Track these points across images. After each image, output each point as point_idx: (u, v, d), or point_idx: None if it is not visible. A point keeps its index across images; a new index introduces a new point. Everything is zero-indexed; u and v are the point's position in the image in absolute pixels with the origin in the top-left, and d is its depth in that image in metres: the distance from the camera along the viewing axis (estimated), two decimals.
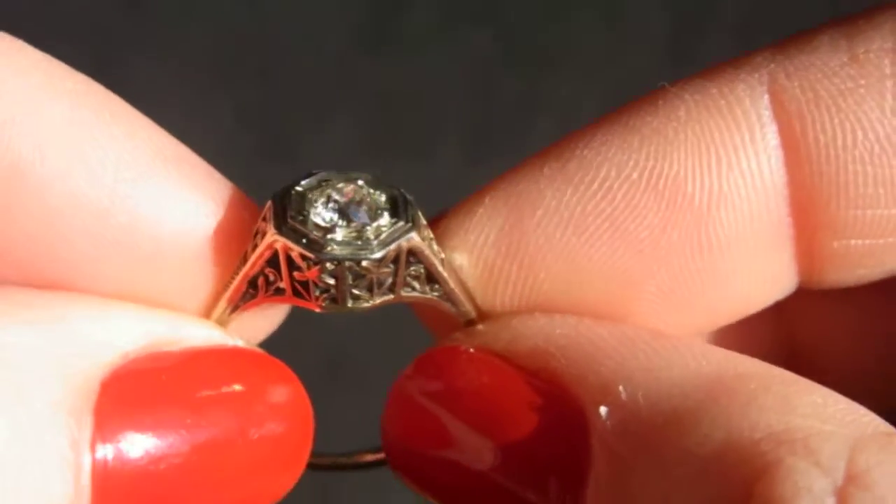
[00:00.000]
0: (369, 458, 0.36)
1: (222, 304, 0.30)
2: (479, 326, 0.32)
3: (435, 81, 0.89)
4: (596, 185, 0.30)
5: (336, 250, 0.28)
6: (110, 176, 0.28)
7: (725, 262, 0.30)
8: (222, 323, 0.30)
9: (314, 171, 0.30)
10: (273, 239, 0.28)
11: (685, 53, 0.90)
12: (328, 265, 0.28)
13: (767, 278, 0.31)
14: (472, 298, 0.32)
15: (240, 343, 0.30)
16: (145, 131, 0.29)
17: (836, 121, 0.29)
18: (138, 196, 0.28)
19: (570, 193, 0.30)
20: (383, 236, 0.29)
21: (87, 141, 0.28)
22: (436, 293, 0.31)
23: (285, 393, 0.30)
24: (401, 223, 0.29)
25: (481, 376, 0.30)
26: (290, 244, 0.28)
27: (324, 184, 0.29)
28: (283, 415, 0.30)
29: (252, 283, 0.30)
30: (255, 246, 0.29)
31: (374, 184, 0.30)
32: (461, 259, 0.31)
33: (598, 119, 0.32)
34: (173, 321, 0.29)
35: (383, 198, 0.29)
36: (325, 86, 0.89)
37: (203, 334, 0.29)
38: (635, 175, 0.30)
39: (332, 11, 0.89)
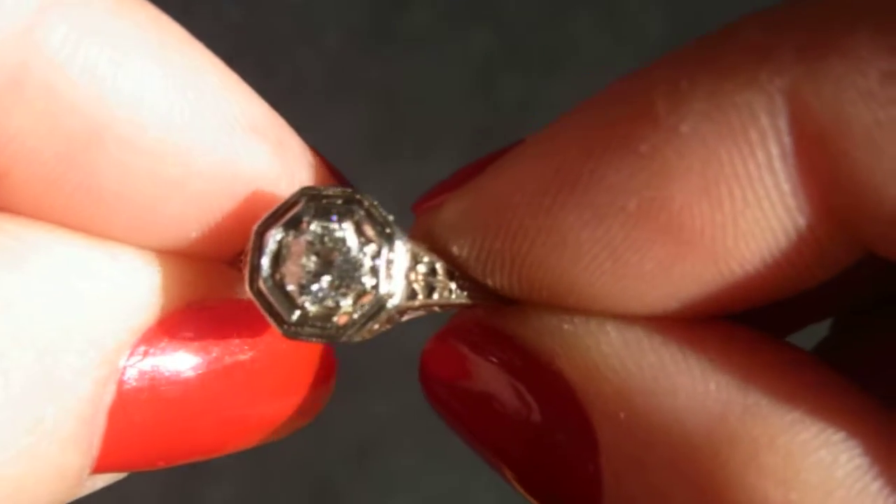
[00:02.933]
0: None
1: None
2: (498, 309, 0.30)
3: (435, 81, 0.89)
4: (589, 214, 0.26)
5: (305, 333, 0.27)
6: (192, 129, 0.27)
7: (755, 281, 0.26)
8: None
9: (304, 189, 0.27)
10: (247, 289, 0.27)
11: None
12: None
13: (817, 274, 0.27)
14: (481, 291, 0.30)
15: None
16: (237, 94, 0.28)
17: (872, 160, 0.24)
18: (233, 157, 0.27)
19: (560, 217, 0.27)
20: (362, 312, 0.27)
21: (183, 96, 0.27)
22: (436, 309, 0.29)
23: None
24: (379, 293, 0.27)
25: (490, 357, 0.29)
26: (259, 309, 0.27)
27: (307, 224, 0.27)
28: (298, 356, 0.30)
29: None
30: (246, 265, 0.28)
31: (362, 226, 0.27)
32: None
33: (593, 105, 0.27)
34: (214, 274, 0.29)
35: (367, 252, 0.27)
36: (325, 85, 0.89)
37: (228, 290, 0.29)
38: (632, 206, 0.26)
39: (331, 11, 0.89)
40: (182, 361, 0.28)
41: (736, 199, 0.25)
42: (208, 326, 0.28)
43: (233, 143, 0.27)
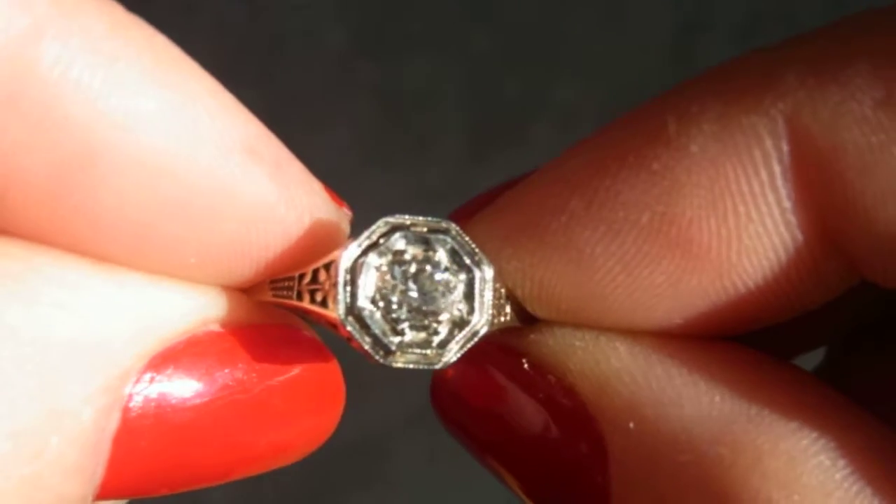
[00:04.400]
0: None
1: (268, 294, 0.29)
2: (513, 329, 0.31)
3: (435, 81, 0.89)
4: (604, 229, 0.28)
5: (403, 360, 0.27)
6: (188, 151, 0.26)
7: (755, 299, 0.28)
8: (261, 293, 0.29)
9: (387, 220, 0.27)
10: (336, 318, 0.27)
11: (685, 53, 0.90)
12: None
13: (815, 296, 0.28)
14: (522, 314, 0.31)
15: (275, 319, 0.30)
16: (234, 115, 0.27)
17: (864, 181, 0.26)
18: (230, 180, 0.27)
19: (577, 233, 0.28)
20: (456, 340, 0.27)
21: (179, 118, 0.26)
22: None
23: (319, 366, 0.30)
24: (474, 321, 0.27)
25: (506, 376, 0.30)
26: (356, 337, 0.27)
27: (402, 252, 0.27)
28: (306, 382, 0.30)
29: (304, 312, 0.29)
30: (317, 296, 0.27)
31: (453, 256, 0.27)
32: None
33: (609, 129, 0.29)
34: (222, 300, 0.29)
35: (461, 280, 0.27)
36: (325, 86, 0.89)
37: (246, 315, 0.29)
38: (644, 220, 0.27)
39: (331, 11, 0.89)
40: (189, 388, 0.27)
41: (740, 215, 0.27)
42: (216, 352, 0.28)
43: (230, 166, 0.27)
